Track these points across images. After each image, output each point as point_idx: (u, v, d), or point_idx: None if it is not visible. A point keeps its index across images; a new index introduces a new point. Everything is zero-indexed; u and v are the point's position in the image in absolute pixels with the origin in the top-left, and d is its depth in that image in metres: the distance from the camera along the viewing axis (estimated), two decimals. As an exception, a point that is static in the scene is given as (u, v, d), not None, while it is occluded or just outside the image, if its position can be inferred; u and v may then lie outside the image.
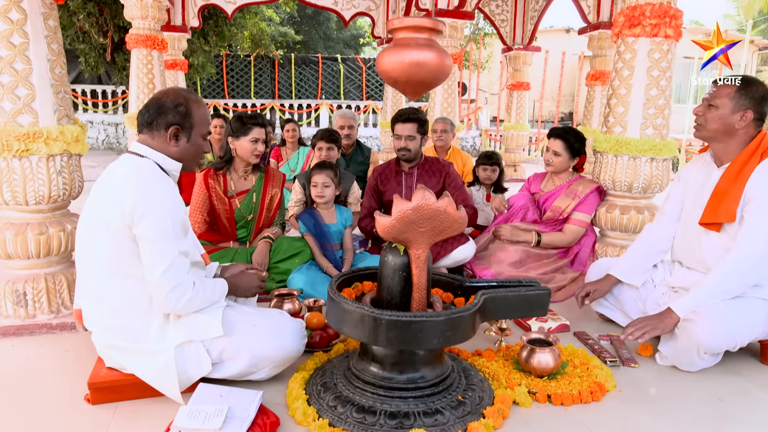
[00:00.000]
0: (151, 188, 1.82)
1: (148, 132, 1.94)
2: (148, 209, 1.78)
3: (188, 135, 1.96)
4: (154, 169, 1.89)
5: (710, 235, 2.36)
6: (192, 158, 2.03)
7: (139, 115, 1.97)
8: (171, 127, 1.91)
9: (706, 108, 2.33)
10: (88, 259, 1.91)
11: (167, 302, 1.83)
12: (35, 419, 1.83)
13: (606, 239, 3.44)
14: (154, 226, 1.79)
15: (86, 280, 1.93)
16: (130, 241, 1.82)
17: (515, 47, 8.47)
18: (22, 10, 2.32)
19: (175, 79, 7.41)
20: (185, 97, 1.95)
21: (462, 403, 1.85)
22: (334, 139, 3.94)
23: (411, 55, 1.68)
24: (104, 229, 1.82)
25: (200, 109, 1.99)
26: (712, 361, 2.24)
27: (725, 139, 2.31)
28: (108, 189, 1.85)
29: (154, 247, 1.80)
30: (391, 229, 1.74)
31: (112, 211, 1.80)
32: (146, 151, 1.92)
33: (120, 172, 1.88)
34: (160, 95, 1.95)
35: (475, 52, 17.25)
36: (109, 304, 1.89)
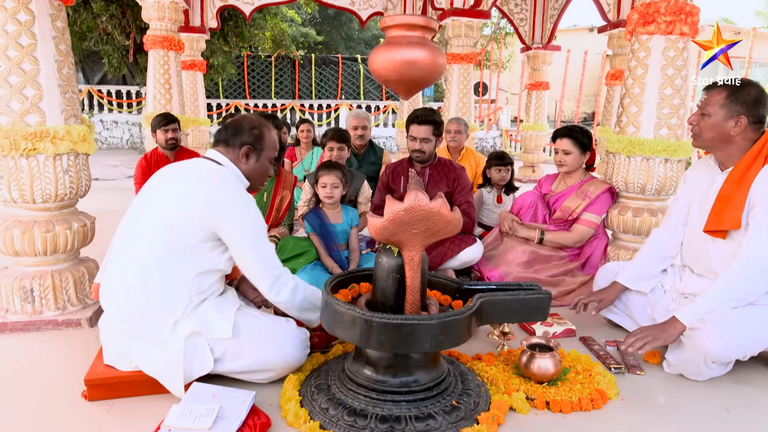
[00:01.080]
0: (240, 193, 1.99)
1: (224, 148, 2.09)
2: (240, 211, 1.94)
3: (258, 156, 2.12)
4: (234, 177, 2.05)
5: (717, 242, 2.28)
6: (258, 178, 2.16)
7: (217, 132, 2.14)
8: (244, 146, 2.07)
9: (700, 117, 2.24)
10: (137, 242, 1.93)
11: (273, 294, 2.00)
12: (33, 414, 1.86)
13: (618, 242, 3.36)
14: (246, 226, 1.95)
15: (125, 260, 1.95)
16: (200, 238, 1.91)
17: (534, 46, 8.36)
18: (30, 11, 2.36)
19: (194, 79, 7.50)
20: (260, 123, 2.14)
21: (456, 408, 1.82)
22: (345, 138, 3.93)
23: (402, 53, 1.66)
24: (170, 225, 1.90)
25: (272, 134, 2.18)
26: (721, 371, 2.16)
27: (723, 146, 2.23)
28: (189, 188, 1.94)
29: (249, 249, 1.95)
30: (383, 230, 1.72)
31: (195, 209, 1.90)
32: (223, 160, 2.07)
33: (203, 175, 1.99)
34: (239, 118, 2.15)
35: (496, 52, 17.09)
36: (141, 288, 1.90)
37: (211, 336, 1.93)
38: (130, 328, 1.91)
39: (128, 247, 1.96)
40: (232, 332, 1.94)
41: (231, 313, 1.99)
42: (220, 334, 1.94)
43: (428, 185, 3.49)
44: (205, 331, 1.93)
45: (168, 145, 4.24)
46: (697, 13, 3.04)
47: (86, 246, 2.74)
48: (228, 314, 1.98)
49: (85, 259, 2.79)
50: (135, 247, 1.93)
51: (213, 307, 1.98)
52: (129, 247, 1.96)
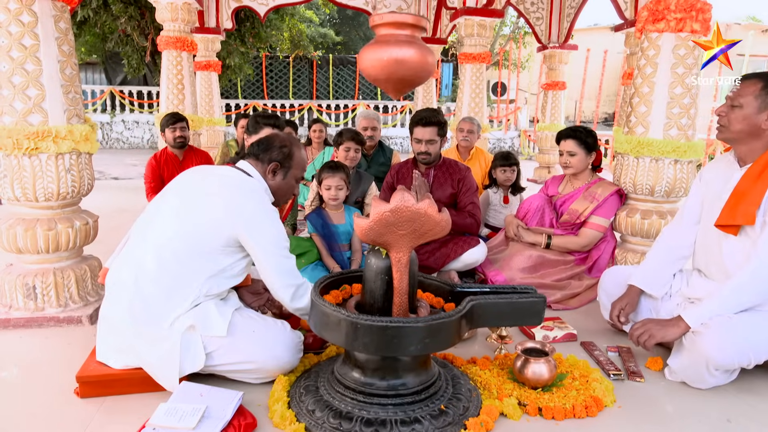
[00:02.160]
0: (266, 205, 2.04)
1: (254, 161, 2.17)
2: (266, 222, 2.00)
3: (285, 174, 2.20)
4: (262, 189, 2.11)
5: (729, 239, 2.20)
6: (282, 194, 2.23)
7: (250, 146, 2.22)
8: (272, 162, 2.15)
9: (729, 108, 2.17)
10: (158, 236, 1.97)
11: (293, 302, 2.04)
12: (24, 409, 1.89)
13: (626, 245, 3.28)
14: (270, 237, 2.00)
15: (143, 251, 1.98)
16: (223, 245, 1.97)
17: (551, 46, 8.24)
18: (33, 12, 2.40)
19: (209, 80, 7.57)
20: (290, 142, 2.21)
21: (444, 413, 1.79)
22: (362, 140, 3.91)
23: (390, 52, 1.63)
24: (194, 229, 1.95)
25: (301, 154, 2.24)
26: (725, 379, 2.08)
27: (750, 140, 2.14)
28: (218, 195, 2.00)
29: (272, 257, 2.01)
30: (369, 230, 1.69)
31: (222, 216, 1.95)
32: (253, 172, 2.14)
33: (234, 184, 2.05)
34: (271, 136, 2.24)
35: (514, 52, 16.92)
36: (153, 281, 1.92)
37: (206, 332, 1.94)
38: (131, 319, 1.92)
39: (149, 239, 2.00)
40: (227, 331, 1.95)
41: (228, 312, 2.01)
42: (215, 332, 1.95)
43: (433, 186, 3.45)
44: (201, 326, 1.94)
45: (176, 144, 4.28)
46: (709, 10, 2.95)
47: (89, 244, 2.78)
48: (225, 313, 2.00)
49: (87, 257, 2.83)
50: (156, 239, 1.97)
51: (214, 305, 2.00)
52: (150, 239, 2.00)
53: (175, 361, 1.88)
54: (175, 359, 1.88)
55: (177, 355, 1.88)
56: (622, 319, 2.44)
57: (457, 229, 3.39)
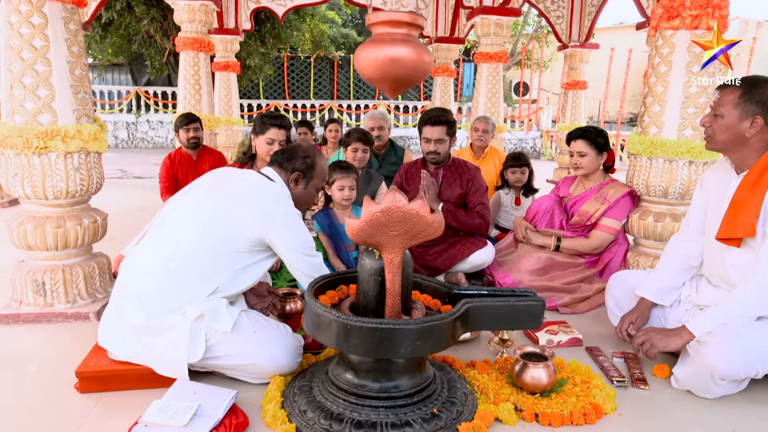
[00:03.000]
0: (290, 206, 2.14)
1: (278, 168, 2.24)
2: (294, 227, 2.11)
3: (306, 183, 2.27)
4: (286, 195, 2.19)
5: (732, 251, 2.12)
6: (303, 203, 2.31)
7: (275, 154, 2.30)
8: (295, 172, 2.22)
9: (713, 118, 2.09)
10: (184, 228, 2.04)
11: None
12: (24, 403, 1.92)
13: (639, 248, 3.20)
14: (299, 240, 2.12)
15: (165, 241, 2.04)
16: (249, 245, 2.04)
17: (571, 45, 8.10)
18: (43, 14, 2.45)
19: (228, 80, 7.65)
20: (314, 152, 2.29)
21: (436, 417, 1.76)
22: (370, 140, 3.90)
23: (385, 51, 1.61)
24: (222, 230, 2.02)
25: (323, 165, 2.32)
26: (732, 389, 2.01)
27: (738, 149, 2.06)
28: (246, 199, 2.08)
29: (302, 258, 2.12)
30: (360, 231, 1.68)
31: (250, 219, 2.03)
32: (276, 178, 2.21)
33: (260, 184, 2.15)
34: (295, 146, 2.32)
35: (537, 51, 16.72)
36: (172, 272, 1.97)
37: (212, 325, 1.96)
38: (145, 311, 1.94)
39: (172, 233, 2.05)
40: (232, 328, 1.98)
41: (236, 311, 2.04)
42: (220, 326, 1.97)
43: (442, 186, 3.42)
44: (210, 318, 1.96)
45: (190, 144, 4.33)
46: (726, 6, 2.86)
47: (98, 241, 2.83)
48: (234, 311, 2.03)
49: (96, 254, 2.88)
50: (181, 235, 2.03)
51: (224, 301, 2.03)
52: (173, 233, 2.05)
53: (184, 349, 1.91)
54: (183, 347, 1.91)
55: (186, 342, 1.91)
56: (632, 332, 2.36)
57: (466, 229, 3.36)
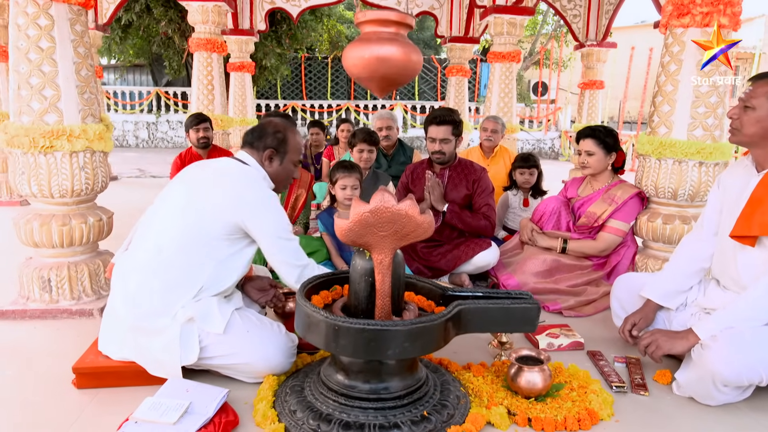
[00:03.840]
0: (267, 191, 2.09)
1: (250, 149, 2.18)
2: (268, 209, 2.04)
3: (281, 159, 2.19)
4: (260, 177, 2.13)
5: (746, 250, 2.06)
6: (281, 180, 2.24)
7: (245, 134, 2.22)
8: (267, 149, 2.15)
9: (742, 110, 2.02)
10: (162, 229, 2.03)
11: (299, 283, 2.01)
12: (21, 397, 1.96)
13: (648, 251, 3.13)
14: (274, 222, 2.04)
15: (147, 245, 2.04)
16: (226, 232, 2.00)
17: (588, 44, 7.98)
18: (50, 16, 2.50)
19: (242, 80, 7.72)
20: (284, 126, 2.21)
21: (425, 419, 1.74)
22: (375, 141, 3.89)
23: (371, 50, 1.60)
24: (197, 217, 1.99)
25: (296, 138, 2.23)
26: (735, 396, 1.95)
27: (765, 144, 2.00)
28: (219, 185, 2.04)
29: (277, 241, 2.05)
30: (348, 231, 1.67)
31: (224, 205, 1.99)
32: (249, 160, 2.15)
33: (233, 173, 2.09)
34: (265, 122, 2.23)
35: (556, 50, 16.53)
36: (157, 273, 1.97)
37: (204, 327, 1.97)
38: (134, 312, 1.96)
39: (153, 233, 2.05)
40: (224, 329, 1.98)
41: (228, 311, 2.03)
42: (212, 328, 1.97)
43: (447, 187, 3.40)
44: (201, 320, 1.96)
45: (200, 144, 4.38)
46: (738, 3, 2.78)
47: (104, 239, 2.87)
48: (225, 312, 2.02)
49: (102, 252, 2.92)
50: (160, 232, 2.03)
51: (216, 301, 2.02)
52: (154, 233, 2.05)
53: (176, 352, 1.92)
54: (176, 350, 1.92)
55: (177, 345, 1.92)
56: (635, 333, 2.31)
57: (471, 231, 3.33)
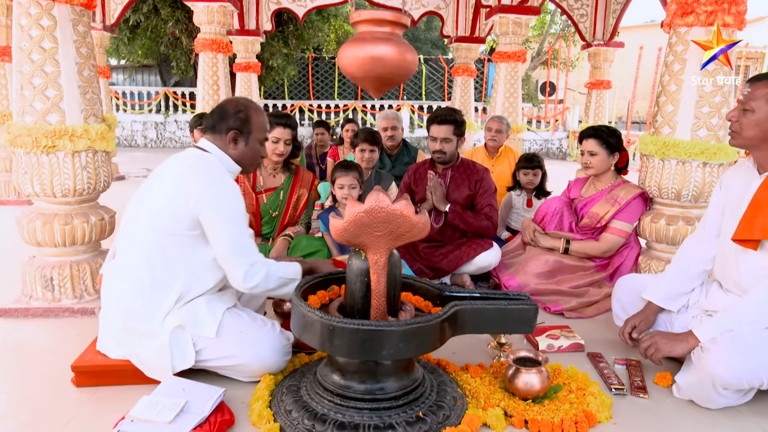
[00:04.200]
0: (217, 179, 1.99)
1: (211, 134, 2.11)
2: (217, 198, 1.94)
3: (246, 139, 2.11)
4: (218, 163, 2.04)
5: (748, 253, 2.03)
6: (249, 161, 2.16)
7: (205, 119, 2.15)
8: (231, 131, 2.07)
9: (741, 112, 2.00)
10: (133, 237, 2.02)
11: (245, 282, 1.95)
12: (21, 394, 1.98)
13: (651, 252, 3.10)
14: (223, 213, 1.94)
15: (124, 254, 2.03)
16: (186, 227, 1.94)
17: (595, 43, 7.93)
18: (52, 17, 2.51)
19: (248, 80, 7.74)
20: (245, 105, 2.11)
21: (421, 420, 1.74)
22: (377, 140, 3.90)
23: (366, 49, 1.60)
24: (162, 213, 1.95)
25: (259, 116, 2.14)
26: (736, 399, 1.92)
27: (765, 146, 1.98)
28: (174, 177, 1.99)
29: (224, 233, 1.94)
30: (343, 231, 1.67)
31: (177, 198, 1.93)
32: (212, 148, 2.08)
33: (187, 163, 2.02)
34: (224, 102, 2.13)
35: (564, 50, 16.44)
36: (137, 279, 1.96)
37: (195, 332, 1.97)
38: (125, 318, 1.97)
39: (127, 238, 2.04)
40: (217, 332, 1.97)
41: (220, 311, 2.01)
42: (204, 332, 1.97)
43: (450, 187, 3.39)
44: (191, 326, 1.96)
45: (204, 144, 4.39)
46: (743, 2, 2.74)
47: (106, 239, 2.88)
48: (216, 312, 2.00)
49: (104, 251, 2.94)
50: (134, 238, 2.01)
51: (204, 303, 2.01)
52: (127, 239, 2.04)
53: (167, 359, 1.92)
54: (165, 357, 1.92)
55: (167, 353, 1.92)
56: (635, 336, 2.29)
57: (473, 231, 3.32)
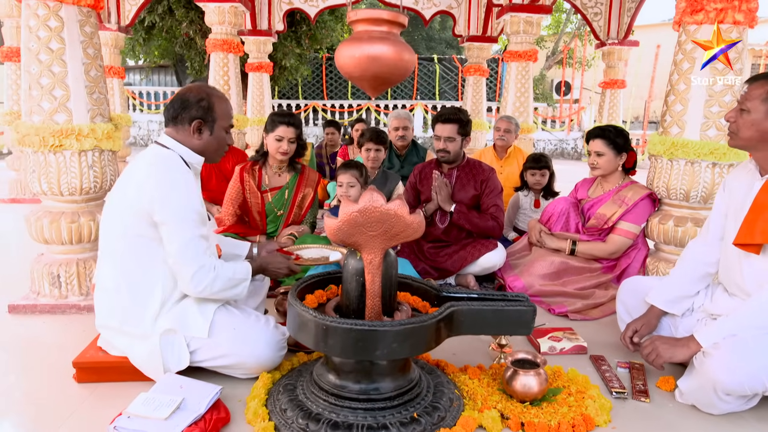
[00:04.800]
0: (171, 178, 1.92)
1: (173, 126, 2.04)
2: (167, 197, 1.88)
3: (211, 128, 2.04)
4: (175, 160, 1.98)
5: (751, 257, 1.99)
6: (215, 150, 2.10)
7: (165, 110, 2.07)
8: (194, 121, 2.00)
9: (738, 113, 1.96)
10: (107, 241, 2.01)
11: (192, 284, 1.91)
12: (23, 390, 2.01)
13: (659, 254, 3.05)
14: (173, 212, 1.88)
15: (103, 260, 2.04)
16: (148, 227, 1.90)
17: (609, 42, 7.83)
18: (60, 18, 2.55)
19: (260, 80, 7.79)
20: (207, 93, 2.03)
21: (415, 421, 1.73)
22: (382, 140, 3.89)
23: (362, 49, 1.59)
24: (125, 215, 1.93)
25: (222, 103, 2.06)
26: (740, 405, 1.88)
27: (763, 147, 1.93)
28: (131, 178, 1.96)
29: (174, 232, 1.88)
30: (338, 231, 1.67)
31: (134, 198, 1.90)
32: (171, 143, 2.01)
33: (143, 162, 1.98)
34: (184, 91, 2.04)
35: (579, 49, 16.27)
36: (117, 285, 1.97)
37: (187, 334, 1.97)
38: (115, 323, 1.99)
39: (105, 249, 2.03)
40: (209, 331, 1.97)
41: (211, 311, 2.01)
42: (196, 333, 1.97)
43: (455, 187, 3.37)
44: (182, 328, 1.97)
45: (213, 144, 4.42)
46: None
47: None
48: (207, 312, 2.00)
49: (111, 249, 2.97)
50: (107, 243, 2.01)
51: (194, 303, 2.01)
52: (105, 249, 2.03)
53: (158, 362, 1.93)
54: (157, 359, 1.93)
55: (158, 355, 1.93)
56: (636, 340, 2.25)
57: (479, 232, 3.30)
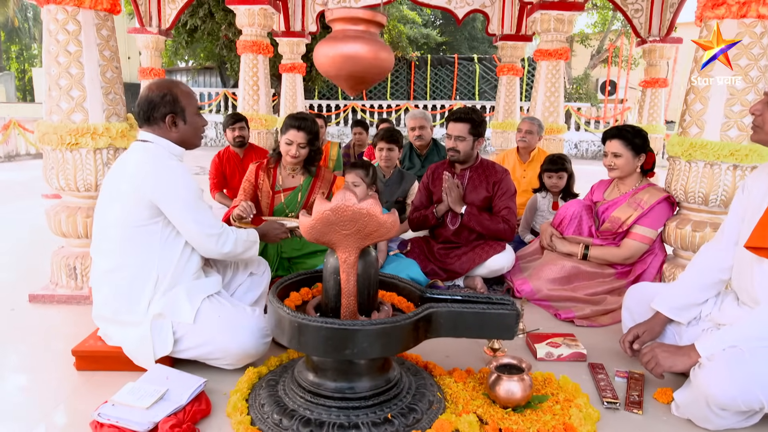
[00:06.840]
0: (167, 165, 2.04)
1: (148, 126, 2.13)
2: (171, 184, 2.00)
3: (183, 117, 2.13)
4: (162, 151, 2.09)
5: (764, 263, 1.87)
6: (192, 136, 2.19)
7: (135, 115, 2.17)
8: (167, 116, 2.09)
9: (765, 105, 1.85)
10: (103, 232, 2.11)
11: (219, 247, 2.11)
12: (25, 375, 2.12)
13: (677, 260, 2.92)
14: (178, 197, 2.01)
15: (99, 254, 2.14)
16: (148, 217, 2.01)
17: (650, 40, 7.53)
18: (77, 22, 2.68)
19: (293, 81, 7.92)
20: (167, 86, 2.11)
21: (388, 422, 1.71)
22: (395, 139, 3.89)
23: (337, 48, 1.59)
24: (119, 209, 2.03)
25: (183, 90, 2.14)
26: (736, 421, 1.77)
27: None
28: (123, 173, 2.06)
29: (186, 214, 2.03)
30: (311, 229, 1.68)
31: (128, 192, 2.00)
32: (151, 137, 2.11)
33: (133, 157, 2.07)
34: (145, 93, 2.12)
35: (626, 47, 15.73)
36: (113, 272, 2.07)
37: (175, 319, 2.04)
38: (110, 312, 2.08)
39: (100, 243, 2.12)
40: (195, 318, 2.04)
41: (199, 299, 2.08)
42: (182, 318, 2.04)
43: (467, 188, 3.33)
44: (170, 313, 2.04)
45: (236, 143, 4.53)
46: (780, -9, 2.53)
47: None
48: (195, 299, 2.07)
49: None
50: (102, 233, 2.10)
51: (184, 290, 2.08)
52: (98, 235, 2.12)
53: (149, 346, 2.01)
54: (147, 344, 2.01)
55: (149, 340, 2.00)
56: (636, 347, 2.16)
57: (489, 234, 3.24)
